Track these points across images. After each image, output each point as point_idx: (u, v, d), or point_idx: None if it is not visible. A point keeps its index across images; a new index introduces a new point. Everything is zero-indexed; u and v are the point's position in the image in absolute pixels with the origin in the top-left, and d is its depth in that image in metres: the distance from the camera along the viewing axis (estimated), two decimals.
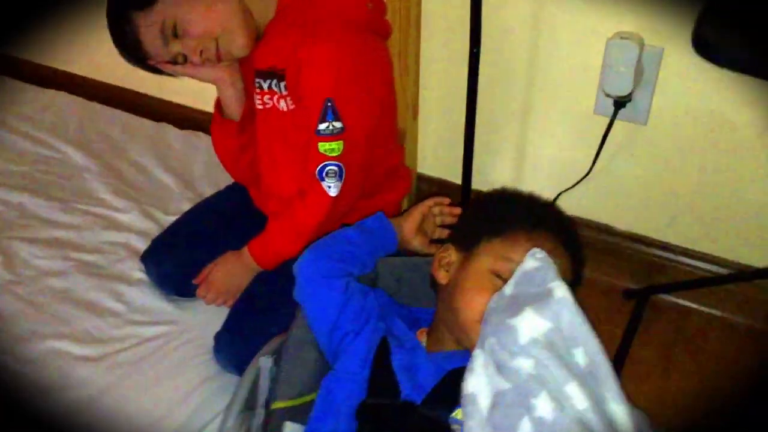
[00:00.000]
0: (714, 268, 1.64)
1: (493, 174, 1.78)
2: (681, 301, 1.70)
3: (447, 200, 1.31)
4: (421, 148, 1.84)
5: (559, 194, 1.70)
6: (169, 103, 2.20)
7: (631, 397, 0.95)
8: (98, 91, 2.26)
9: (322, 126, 1.29)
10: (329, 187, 1.32)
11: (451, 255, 1.17)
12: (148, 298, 1.55)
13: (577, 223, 1.25)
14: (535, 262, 1.03)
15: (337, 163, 1.31)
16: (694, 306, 1.69)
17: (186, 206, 1.74)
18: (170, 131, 2.07)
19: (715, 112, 1.47)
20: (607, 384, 0.93)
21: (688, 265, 1.67)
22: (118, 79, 2.25)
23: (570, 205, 1.69)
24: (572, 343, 0.95)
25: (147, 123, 2.10)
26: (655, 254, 1.70)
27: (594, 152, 1.60)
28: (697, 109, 1.49)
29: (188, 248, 1.55)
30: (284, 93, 1.34)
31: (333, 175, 1.31)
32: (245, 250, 1.44)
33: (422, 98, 1.76)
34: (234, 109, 1.44)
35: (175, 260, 1.54)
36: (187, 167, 1.93)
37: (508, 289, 1.03)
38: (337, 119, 1.28)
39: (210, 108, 1.52)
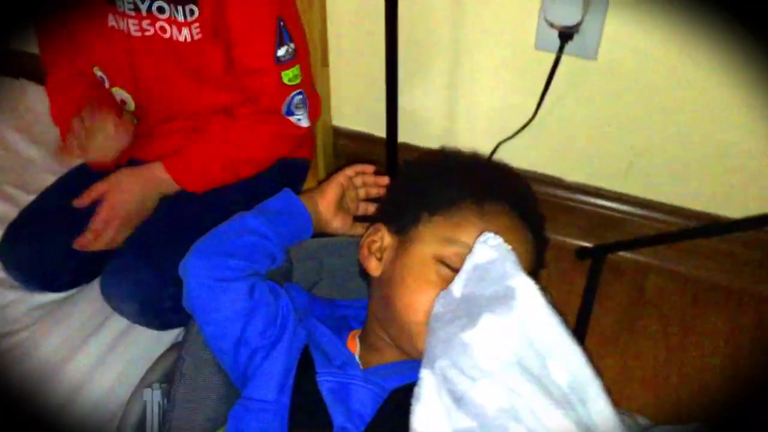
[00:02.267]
0: (678, 221, 1.48)
1: (422, 125, 1.55)
2: (641, 258, 1.53)
3: (370, 168, 1.08)
4: (335, 100, 1.60)
5: (498, 145, 1.50)
6: (25, 55, 1.85)
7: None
8: None
9: (281, 51, 1.15)
10: (299, 119, 1.21)
11: (384, 238, 0.95)
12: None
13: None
14: (488, 251, 0.82)
15: (300, 91, 1.19)
16: (655, 263, 1.53)
17: (50, 180, 1.45)
18: (30, 89, 1.75)
19: (675, 44, 1.27)
20: (598, 404, 0.74)
21: (648, 218, 1.50)
22: None
23: (512, 157, 1.52)
24: (547, 355, 0.75)
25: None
26: (610, 207, 1.53)
27: (537, 95, 1.40)
28: (654, 40, 1.29)
29: (55, 231, 1.26)
30: (189, 19, 1.12)
31: (300, 105, 1.20)
32: (156, 167, 1.21)
33: (333, 41, 1.52)
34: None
35: (38, 247, 1.25)
36: (54, 133, 1.62)
37: (457, 288, 0.82)
38: (290, 39, 1.15)
39: None
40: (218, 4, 1.12)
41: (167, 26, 1.14)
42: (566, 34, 1.29)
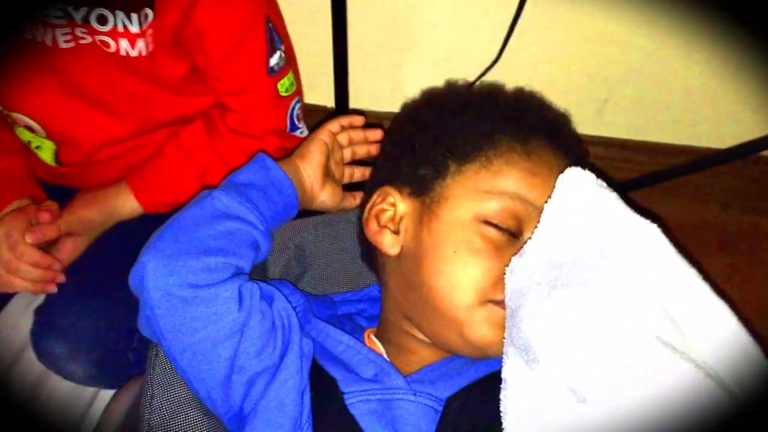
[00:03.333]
0: (661, 159, 1.33)
1: (369, 85, 1.33)
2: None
3: (360, 119, 0.85)
4: None
5: None
6: None
7: None
8: None
9: (274, 60, 0.90)
10: (302, 132, 0.99)
11: (397, 204, 0.73)
12: None
13: None
14: (578, 193, 0.62)
15: (298, 99, 0.98)
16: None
17: None
18: None
19: None
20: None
21: (628, 160, 1.35)
22: None
23: None
24: (689, 322, 0.56)
25: None
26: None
27: (497, 32, 1.21)
28: None
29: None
30: (140, 29, 0.83)
31: (300, 114, 0.97)
32: (121, 188, 0.95)
33: None
34: None
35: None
36: None
37: (536, 250, 0.62)
38: (281, 42, 0.92)
39: None
40: (185, 7, 0.84)
41: (110, 40, 0.84)
42: None
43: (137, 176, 0.94)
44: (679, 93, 1.27)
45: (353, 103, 1.26)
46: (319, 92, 1.30)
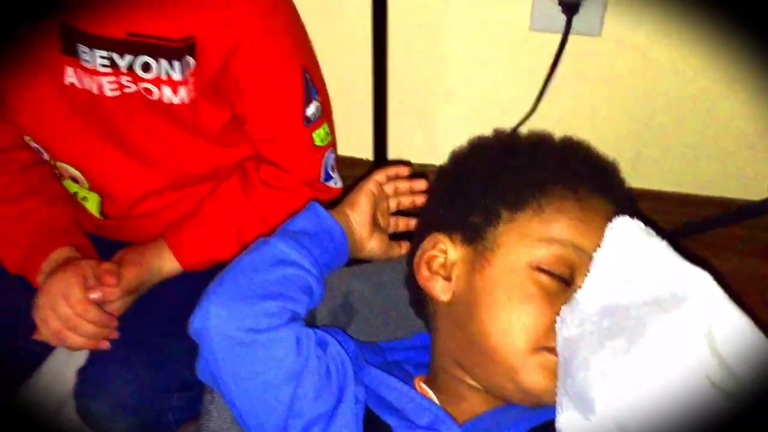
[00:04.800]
0: (695, 210, 1.34)
1: (406, 136, 1.35)
2: None
3: (405, 170, 0.87)
4: None
5: None
6: None
7: None
8: None
9: (310, 110, 0.93)
10: (336, 182, 1.00)
11: (448, 251, 0.74)
12: None
13: None
14: (627, 241, 0.63)
15: (332, 149, 1.00)
16: None
17: None
18: None
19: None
20: None
21: (662, 211, 1.35)
22: None
23: None
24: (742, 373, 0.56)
25: None
26: None
27: (531, 84, 1.23)
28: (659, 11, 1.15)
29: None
30: (182, 77, 0.86)
31: (334, 165, 0.99)
32: (161, 247, 0.97)
33: None
34: None
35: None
36: None
37: (588, 298, 0.62)
38: (317, 92, 0.95)
39: None
40: (225, 55, 0.87)
41: (153, 88, 0.87)
42: (571, 8, 1.13)
43: (176, 234, 0.97)
44: (713, 145, 1.28)
45: (391, 154, 1.29)
46: (357, 143, 1.32)
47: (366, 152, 1.33)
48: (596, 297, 0.61)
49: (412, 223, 0.87)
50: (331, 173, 0.99)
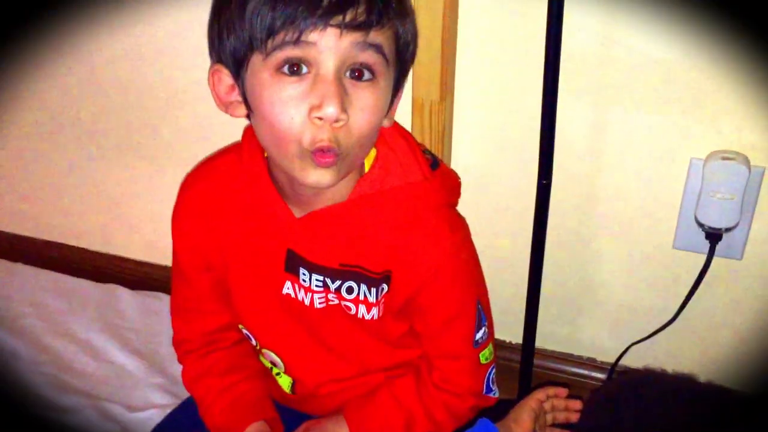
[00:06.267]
0: None
1: (550, 323, 1.48)
2: None
3: (564, 391, 1.00)
4: None
5: (629, 346, 1.42)
6: (115, 258, 1.82)
7: None
8: (22, 248, 1.86)
9: (479, 335, 1.08)
10: (495, 393, 1.13)
11: None
12: None
13: None
14: None
15: (494, 365, 1.13)
16: None
17: (156, 396, 1.39)
18: (122, 294, 1.69)
19: None
20: None
21: None
22: (46, 231, 1.86)
23: (642, 361, 1.44)
24: None
25: (89, 286, 1.71)
26: None
27: (670, 295, 1.36)
28: None
29: None
30: (376, 300, 1.05)
31: (494, 379, 1.12)
32: (341, 422, 1.14)
33: None
34: None
35: None
36: (150, 341, 1.55)
37: None
38: (486, 319, 1.08)
39: (167, 260, 1.20)
40: (415, 289, 1.04)
41: (352, 305, 1.06)
42: (716, 235, 1.25)
43: (355, 413, 1.13)
44: None
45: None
46: (508, 328, 1.45)
47: (513, 336, 1.46)
48: None
49: None
50: (491, 386, 1.12)
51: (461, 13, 1.23)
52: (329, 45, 0.84)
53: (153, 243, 1.74)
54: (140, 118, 1.57)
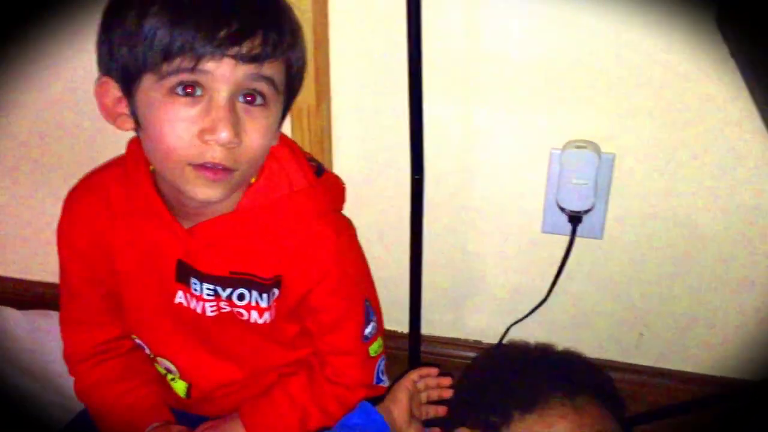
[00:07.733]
0: (694, 388, 1.51)
1: (435, 311, 1.57)
2: None
3: (435, 370, 1.08)
4: None
5: (509, 327, 1.51)
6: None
7: None
8: None
9: (368, 330, 1.13)
10: (385, 383, 1.18)
11: None
12: None
13: None
14: None
15: (383, 356, 1.19)
16: None
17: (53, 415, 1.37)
18: (9, 315, 1.65)
19: (673, 216, 1.37)
20: None
21: (664, 387, 1.53)
22: None
23: (522, 338, 1.53)
24: None
25: None
26: (624, 380, 1.54)
27: (543, 276, 1.46)
28: (652, 214, 1.38)
29: None
30: (267, 305, 1.09)
31: (384, 370, 1.17)
32: (236, 422, 1.16)
33: None
34: None
35: None
36: (42, 360, 1.54)
37: None
38: (374, 314, 1.15)
39: (54, 278, 1.21)
40: (305, 291, 1.09)
41: (244, 312, 1.10)
42: (576, 218, 1.36)
43: (250, 413, 1.17)
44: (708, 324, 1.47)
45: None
46: (395, 318, 1.53)
47: (400, 325, 1.54)
48: None
49: (441, 410, 1.08)
50: (381, 377, 1.18)
51: (331, 20, 1.29)
52: (224, 74, 0.87)
53: (34, 256, 1.72)
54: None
